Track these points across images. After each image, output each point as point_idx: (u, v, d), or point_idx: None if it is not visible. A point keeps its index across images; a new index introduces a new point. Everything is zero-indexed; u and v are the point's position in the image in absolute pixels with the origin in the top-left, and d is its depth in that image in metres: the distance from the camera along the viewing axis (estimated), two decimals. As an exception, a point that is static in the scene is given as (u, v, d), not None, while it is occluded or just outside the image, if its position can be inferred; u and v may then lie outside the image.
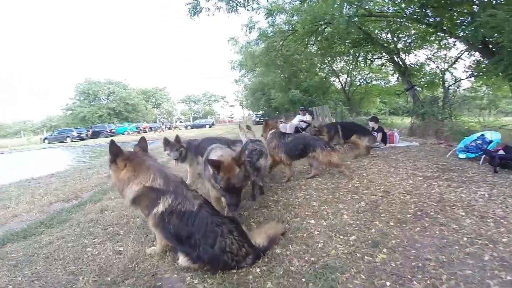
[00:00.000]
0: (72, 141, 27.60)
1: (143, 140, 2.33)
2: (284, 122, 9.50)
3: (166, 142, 4.43)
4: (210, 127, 34.95)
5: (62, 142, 27.58)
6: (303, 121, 8.82)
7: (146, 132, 30.59)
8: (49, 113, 44.19)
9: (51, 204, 4.17)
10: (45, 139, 29.82)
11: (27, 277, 2.05)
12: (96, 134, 30.45)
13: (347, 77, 18.58)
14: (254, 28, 11.55)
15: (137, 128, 33.30)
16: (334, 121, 11.59)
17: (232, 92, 74.04)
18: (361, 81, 19.06)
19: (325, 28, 8.91)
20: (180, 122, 50.52)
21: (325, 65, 17.70)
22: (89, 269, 2.08)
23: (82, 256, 2.31)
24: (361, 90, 19.28)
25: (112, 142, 2.02)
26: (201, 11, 8.67)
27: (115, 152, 2.02)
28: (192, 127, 37.22)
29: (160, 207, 1.91)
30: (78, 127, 35.07)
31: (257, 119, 31.32)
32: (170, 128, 36.33)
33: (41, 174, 7.04)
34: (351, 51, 11.71)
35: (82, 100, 41.52)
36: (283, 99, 20.52)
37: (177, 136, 4.48)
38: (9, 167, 12.00)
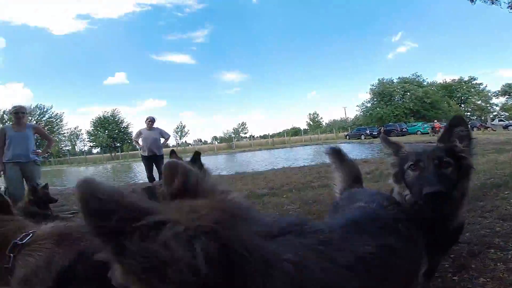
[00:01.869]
0: (365, 138, 31.17)
1: (198, 157, 1.73)
2: None
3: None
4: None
5: (359, 138, 32.02)
6: None
7: (439, 132, 26.46)
8: (357, 113, 52.77)
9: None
10: (347, 135, 36.49)
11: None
12: (387, 133, 31.72)
13: None
14: None
15: (432, 127, 29.85)
16: None
17: None
18: None
19: None
20: (500, 120, 37.09)
21: None
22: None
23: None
24: None
25: (172, 151, 1.84)
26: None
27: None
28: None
29: None
30: (375, 126, 38.56)
31: None
32: (478, 128, 28.24)
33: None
34: None
35: (378, 101, 44.72)
36: None
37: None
38: (302, 156, 16.56)
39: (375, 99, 45.36)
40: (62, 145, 45.34)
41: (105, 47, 73.04)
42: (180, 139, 52.51)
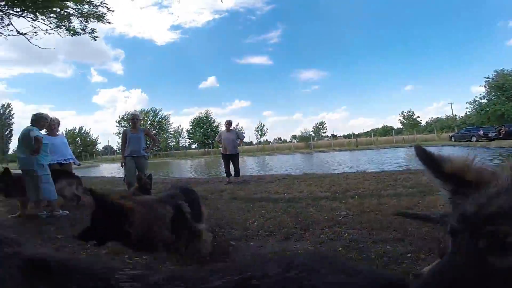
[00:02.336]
0: (477, 141, 25.55)
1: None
2: None
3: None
4: None
5: (469, 141, 26.48)
6: None
7: None
8: (467, 110, 43.06)
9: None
10: (451, 136, 30.63)
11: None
12: (509, 135, 25.07)
13: None
14: None
15: None
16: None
17: None
18: None
19: None
20: None
21: None
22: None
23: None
24: None
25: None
26: None
27: None
28: None
29: None
30: (494, 126, 30.99)
31: None
32: None
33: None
34: None
35: (496, 96, 35.28)
36: None
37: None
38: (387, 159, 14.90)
39: (492, 94, 36.11)
40: (169, 141, 54.37)
41: (197, 54, 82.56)
42: (260, 137, 55.13)
